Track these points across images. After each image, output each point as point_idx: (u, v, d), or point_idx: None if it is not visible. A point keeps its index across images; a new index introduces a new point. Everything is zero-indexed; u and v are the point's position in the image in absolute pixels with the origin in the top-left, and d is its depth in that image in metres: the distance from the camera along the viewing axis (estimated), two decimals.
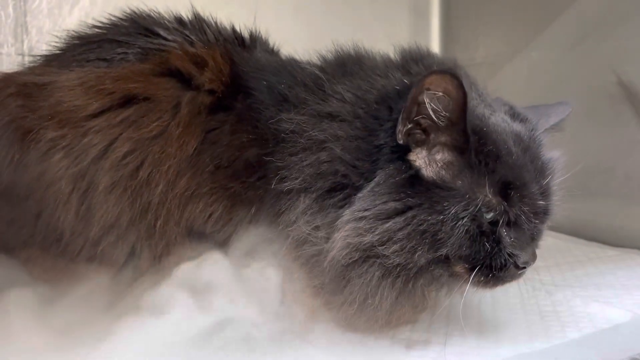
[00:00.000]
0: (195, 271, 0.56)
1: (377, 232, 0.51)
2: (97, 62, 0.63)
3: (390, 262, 0.52)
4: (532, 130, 0.57)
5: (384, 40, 0.65)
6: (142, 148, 0.57)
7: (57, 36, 0.68)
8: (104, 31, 0.66)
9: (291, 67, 0.63)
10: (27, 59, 0.89)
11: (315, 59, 0.65)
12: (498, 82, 1.11)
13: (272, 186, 0.55)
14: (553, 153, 0.58)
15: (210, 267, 0.57)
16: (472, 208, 0.51)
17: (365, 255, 0.52)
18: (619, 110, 0.92)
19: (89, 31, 0.67)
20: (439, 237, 0.51)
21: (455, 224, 0.51)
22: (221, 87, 0.61)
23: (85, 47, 0.65)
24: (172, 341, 0.51)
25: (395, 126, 0.52)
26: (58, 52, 0.67)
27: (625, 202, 0.93)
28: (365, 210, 0.52)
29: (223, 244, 0.59)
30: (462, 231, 0.51)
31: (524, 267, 0.54)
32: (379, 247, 0.51)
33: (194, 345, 0.51)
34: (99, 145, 0.57)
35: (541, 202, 0.53)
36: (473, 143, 0.51)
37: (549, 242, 0.95)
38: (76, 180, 0.57)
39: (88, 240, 0.58)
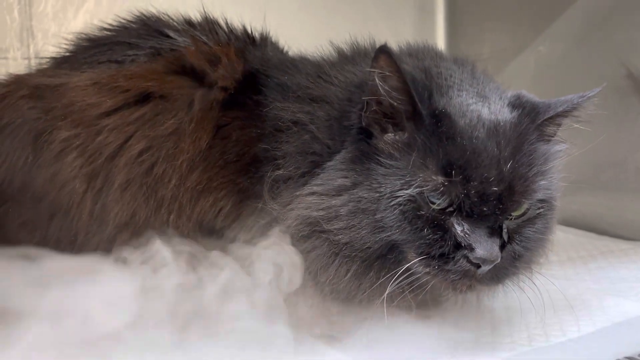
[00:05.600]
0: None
1: (323, 207, 0.52)
2: (108, 64, 0.63)
3: (337, 239, 0.51)
4: (522, 118, 0.53)
5: (389, 37, 0.65)
6: (158, 145, 0.58)
7: (66, 39, 0.69)
8: (114, 33, 0.67)
9: (299, 61, 0.65)
10: (33, 63, 0.90)
11: (330, 50, 0.66)
12: (505, 77, 1.10)
13: (268, 174, 0.56)
14: (551, 145, 0.56)
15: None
16: (411, 188, 0.49)
17: (314, 230, 0.53)
18: (628, 103, 0.91)
19: (98, 34, 0.68)
20: (377, 217, 0.50)
21: (390, 202, 0.49)
22: (234, 84, 0.62)
23: (95, 50, 0.66)
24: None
25: (362, 108, 0.53)
26: (68, 54, 0.68)
27: (637, 196, 0.92)
28: (318, 185, 0.53)
29: (233, 240, 0.60)
30: (398, 212, 0.49)
31: (479, 265, 0.49)
32: (325, 223, 0.52)
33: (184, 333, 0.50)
34: (113, 144, 0.58)
35: (494, 189, 0.49)
36: (429, 124, 0.50)
37: (560, 236, 0.96)
38: (90, 179, 0.58)
39: (102, 239, 0.58)
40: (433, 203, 0.49)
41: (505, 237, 0.51)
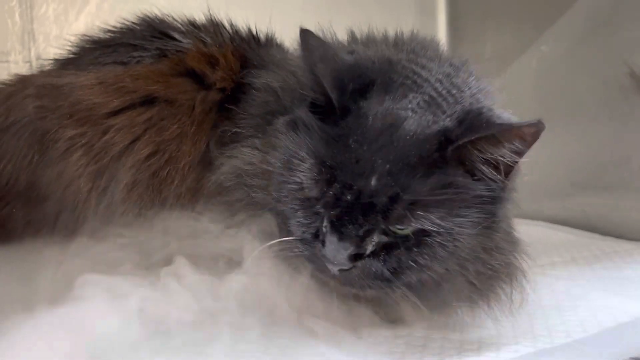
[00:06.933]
0: None
1: (250, 161, 0.53)
2: (113, 66, 0.64)
3: (254, 195, 0.52)
4: (435, 140, 0.48)
5: None
6: (163, 149, 0.59)
7: (70, 41, 0.69)
8: (119, 35, 0.68)
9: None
10: (34, 66, 0.90)
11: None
12: (508, 77, 1.10)
13: (226, 127, 0.58)
14: (470, 181, 0.49)
15: None
16: (297, 170, 0.49)
17: (239, 182, 0.54)
18: (632, 102, 0.91)
19: (103, 35, 0.68)
20: (274, 187, 0.51)
21: (282, 177, 0.50)
22: (231, 84, 0.62)
23: (100, 51, 0.66)
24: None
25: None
26: (73, 56, 0.68)
27: None
28: (259, 139, 0.54)
29: None
30: (285, 188, 0.50)
31: (326, 260, 0.48)
32: (249, 178, 0.53)
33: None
34: (120, 144, 0.58)
35: (348, 197, 0.46)
36: (339, 117, 0.49)
37: (563, 237, 0.96)
38: (95, 178, 0.58)
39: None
40: (309, 190, 0.49)
41: (368, 249, 0.48)
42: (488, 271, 0.52)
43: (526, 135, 0.47)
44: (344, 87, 0.49)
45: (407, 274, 0.49)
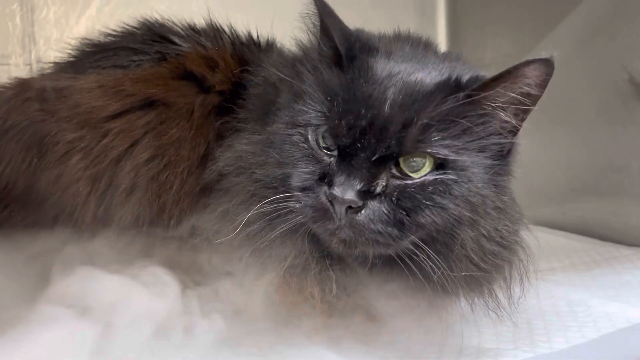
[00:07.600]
0: None
1: (251, 142, 0.54)
2: (113, 69, 0.64)
3: (254, 172, 0.52)
4: (447, 85, 0.49)
5: None
6: (162, 154, 0.59)
7: (70, 44, 0.69)
8: (119, 39, 0.68)
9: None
10: (35, 69, 0.90)
11: None
12: None
13: (232, 126, 0.58)
14: (486, 120, 0.49)
15: None
16: (298, 123, 0.50)
17: (240, 166, 0.54)
18: (631, 108, 0.91)
19: (103, 39, 0.68)
20: (276, 150, 0.51)
21: (278, 139, 0.51)
22: (230, 87, 0.62)
23: (100, 55, 0.66)
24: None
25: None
26: (72, 59, 0.68)
27: None
28: (256, 125, 0.56)
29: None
30: (288, 143, 0.51)
31: (333, 198, 0.46)
32: (250, 157, 0.53)
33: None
34: (119, 147, 0.58)
35: (361, 123, 0.47)
36: (346, 67, 0.51)
37: (563, 242, 0.96)
38: (94, 181, 0.58)
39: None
40: (314, 134, 0.50)
41: (377, 187, 0.47)
42: (497, 236, 0.51)
43: (534, 70, 0.47)
44: (351, 43, 0.52)
45: (421, 215, 0.47)
